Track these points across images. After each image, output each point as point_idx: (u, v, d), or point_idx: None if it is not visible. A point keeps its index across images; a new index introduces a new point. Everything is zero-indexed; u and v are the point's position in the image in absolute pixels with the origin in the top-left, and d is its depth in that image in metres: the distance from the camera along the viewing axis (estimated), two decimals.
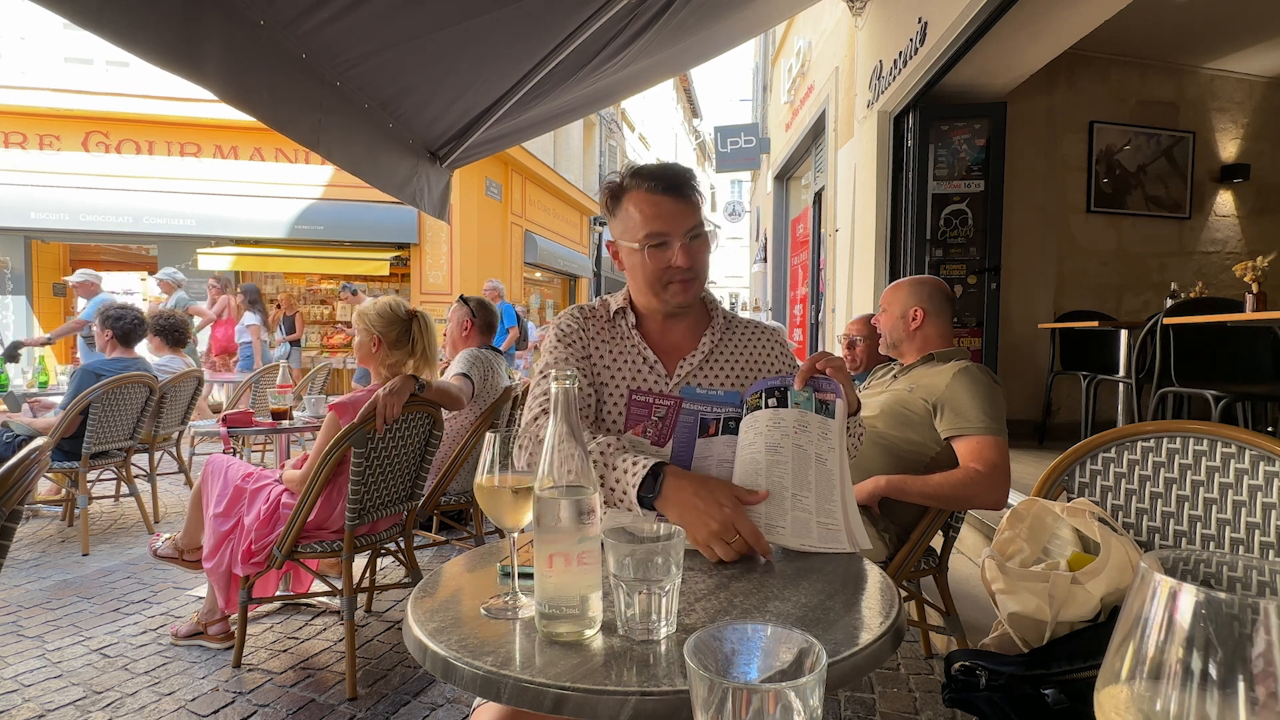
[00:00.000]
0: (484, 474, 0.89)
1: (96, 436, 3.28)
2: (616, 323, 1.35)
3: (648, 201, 1.23)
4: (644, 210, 1.23)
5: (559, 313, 1.40)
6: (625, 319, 1.34)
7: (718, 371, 1.32)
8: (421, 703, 1.97)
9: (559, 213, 14.54)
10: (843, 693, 2.00)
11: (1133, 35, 4.44)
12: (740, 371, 1.33)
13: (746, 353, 1.35)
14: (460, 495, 2.76)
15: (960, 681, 1.02)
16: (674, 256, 1.23)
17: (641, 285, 1.30)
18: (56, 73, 9.02)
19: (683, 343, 1.34)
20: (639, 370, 1.30)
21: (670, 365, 1.31)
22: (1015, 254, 4.57)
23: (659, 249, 1.23)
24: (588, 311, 1.37)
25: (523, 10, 2.04)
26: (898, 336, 1.96)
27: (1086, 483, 1.33)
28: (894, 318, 1.96)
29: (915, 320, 1.93)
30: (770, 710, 0.41)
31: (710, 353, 1.33)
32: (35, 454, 1.00)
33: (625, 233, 1.26)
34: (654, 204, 1.23)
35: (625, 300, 1.37)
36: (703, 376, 1.31)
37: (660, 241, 1.23)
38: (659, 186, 1.23)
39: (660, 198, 1.23)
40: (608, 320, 1.36)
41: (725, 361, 1.33)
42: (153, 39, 1.30)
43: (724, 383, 1.32)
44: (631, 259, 1.28)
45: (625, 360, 1.31)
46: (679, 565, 0.75)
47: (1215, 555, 0.49)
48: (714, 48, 3.98)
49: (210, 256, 9.26)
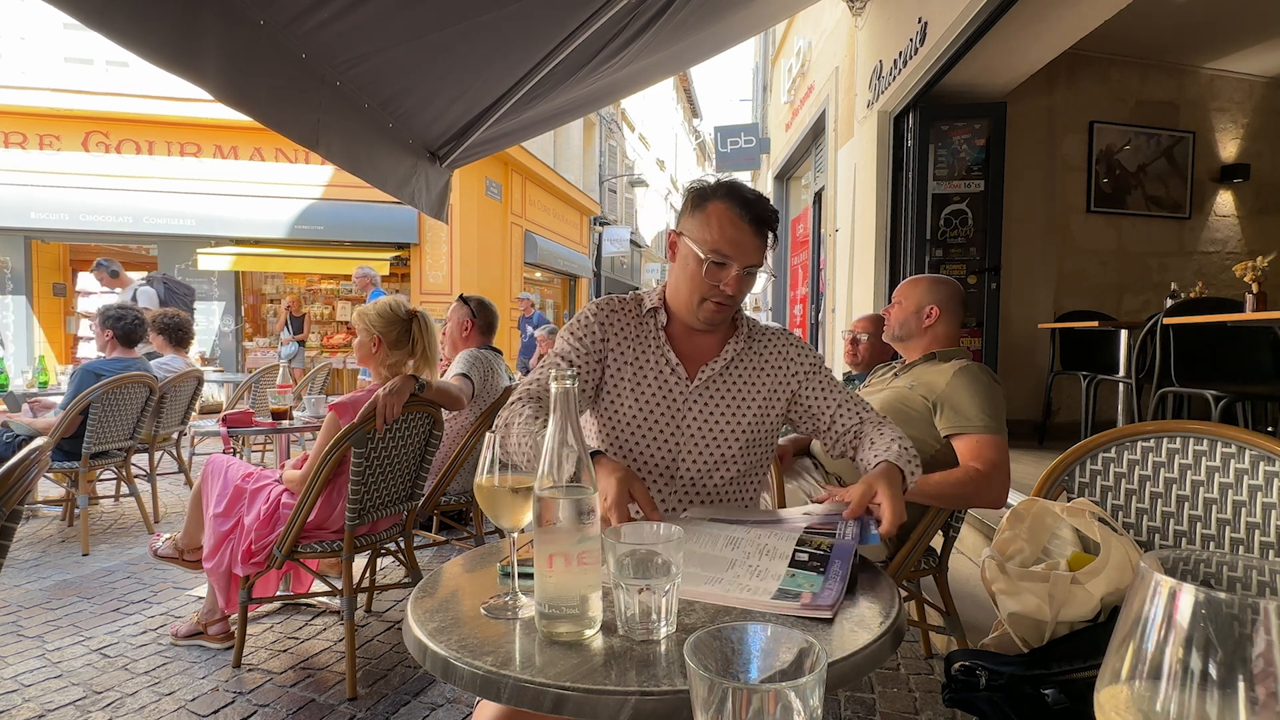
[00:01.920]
0: (484, 474, 0.89)
1: (96, 436, 3.28)
2: (646, 321, 1.37)
3: (731, 221, 1.26)
4: (724, 226, 1.26)
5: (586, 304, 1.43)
6: (656, 319, 1.36)
7: (737, 379, 1.34)
8: (421, 703, 1.97)
9: (559, 213, 14.54)
10: (843, 693, 2.00)
11: (1133, 35, 4.44)
12: (760, 380, 1.35)
13: (769, 361, 1.37)
14: (460, 495, 2.76)
15: (960, 681, 1.02)
16: (726, 281, 1.26)
17: (683, 288, 1.32)
18: (56, 73, 9.02)
19: (707, 348, 1.36)
20: (660, 371, 1.32)
21: (692, 369, 1.34)
22: (1015, 254, 4.57)
23: (718, 267, 1.26)
24: (617, 304, 1.39)
25: (523, 10, 2.04)
26: (909, 330, 1.96)
27: (1086, 483, 1.33)
28: (908, 311, 1.96)
29: (930, 318, 1.93)
30: (770, 710, 0.41)
31: (732, 360, 1.35)
32: (35, 454, 1.00)
33: (696, 235, 1.28)
34: (735, 226, 1.26)
35: (660, 300, 1.39)
36: (722, 383, 1.33)
37: (722, 261, 1.25)
38: (747, 214, 1.26)
39: (743, 224, 1.26)
40: (637, 315, 1.38)
41: (746, 369, 1.35)
42: (153, 38, 1.30)
43: (743, 389, 1.33)
44: (687, 260, 1.30)
45: (647, 359, 1.33)
46: (679, 565, 0.75)
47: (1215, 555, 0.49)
48: (714, 47, 3.98)
49: (210, 256, 9.26)
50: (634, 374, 1.31)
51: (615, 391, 1.32)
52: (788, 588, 0.85)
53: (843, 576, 0.87)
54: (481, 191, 10.85)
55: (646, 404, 1.30)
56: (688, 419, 1.31)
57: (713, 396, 1.32)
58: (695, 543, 1.00)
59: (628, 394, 1.30)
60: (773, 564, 0.92)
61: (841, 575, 0.87)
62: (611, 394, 1.32)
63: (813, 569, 0.89)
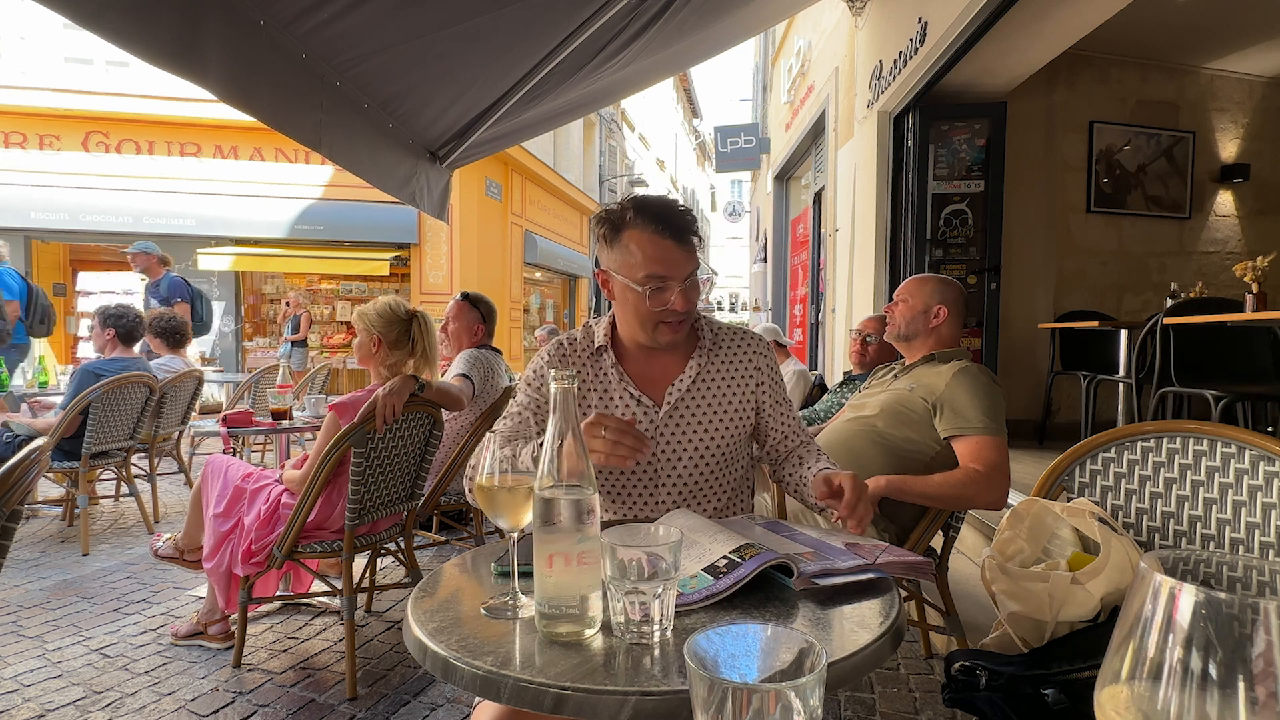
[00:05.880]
0: (484, 474, 0.89)
1: (96, 436, 3.28)
2: (600, 359, 1.33)
3: (651, 243, 1.22)
4: (646, 251, 1.22)
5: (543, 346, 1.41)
6: (606, 357, 1.33)
7: (706, 393, 1.31)
8: (421, 703, 1.97)
9: (559, 213, 14.54)
10: (843, 693, 2.00)
11: (1133, 35, 4.44)
12: (729, 389, 1.32)
13: (733, 368, 1.35)
14: (460, 495, 2.76)
15: (960, 681, 1.02)
16: (672, 300, 1.23)
17: (632, 321, 1.29)
18: (56, 73, 9.02)
19: (670, 368, 1.33)
20: (626, 405, 1.29)
21: (658, 394, 1.30)
22: (1015, 254, 4.57)
23: (659, 292, 1.22)
24: (568, 346, 1.35)
25: (523, 10, 2.04)
26: (915, 330, 1.94)
27: (1086, 483, 1.33)
28: (915, 310, 1.94)
29: (938, 318, 1.92)
30: (770, 710, 0.41)
31: (698, 375, 1.32)
32: (35, 454, 1.00)
33: (623, 268, 1.25)
34: (657, 246, 1.22)
35: (606, 336, 1.35)
36: (692, 400, 1.30)
37: (660, 286, 1.22)
38: (664, 230, 1.21)
39: (664, 241, 1.21)
40: (590, 354, 1.34)
41: (713, 381, 1.33)
42: (152, 39, 1.30)
43: (712, 403, 1.31)
44: (625, 295, 1.26)
45: (610, 396, 1.30)
46: (677, 567, 0.75)
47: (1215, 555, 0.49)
48: (714, 47, 3.98)
49: (210, 256, 9.26)
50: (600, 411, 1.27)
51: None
52: (682, 588, 0.85)
53: (733, 580, 0.85)
54: (481, 191, 10.85)
55: None
56: (662, 447, 1.28)
57: (684, 417, 1.29)
58: (684, 520, 1.05)
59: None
60: (690, 564, 0.91)
61: (731, 580, 0.85)
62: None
63: (711, 574, 0.87)
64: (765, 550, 0.89)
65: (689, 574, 0.88)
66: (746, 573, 0.85)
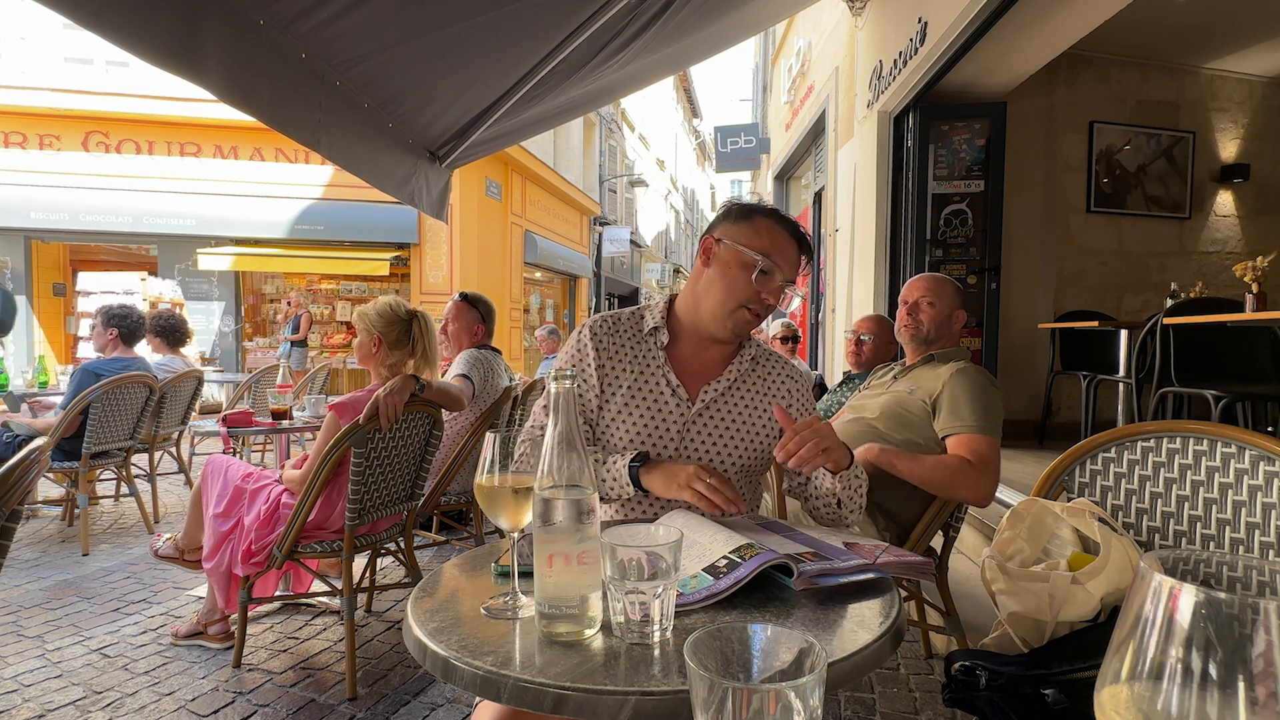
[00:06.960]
0: (484, 474, 0.89)
1: (96, 436, 3.28)
2: (646, 341, 1.33)
3: (783, 237, 1.28)
4: (775, 237, 1.28)
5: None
6: (656, 339, 1.33)
7: (737, 401, 1.31)
8: (421, 703, 1.97)
9: (559, 213, 14.54)
10: (843, 693, 2.00)
11: (1133, 35, 4.43)
12: (762, 404, 1.32)
13: (770, 386, 1.35)
14: (460, 495, 2.76)
15: (960, 681, 1.02)
16: (770, 289, 1.27)
17: (717, 296, 1.29)
18: (56, 73, 9.02)
19: (711, 367, 1.33)
20: (661, 393, 1.29)
21: (694, 390, 1.30)
22: (1015, 254, 4.57)
23: (765, 275, 1.26)
24: (611, 323, 1.36)
25: (523, 10, 2.04)
26: (941, 333, 1.96)
27: (1086, 483, 1.33)
28: (944, 314, 1.95)
29: (958, 323, 1.97)
30: (770, 710, 0.41)
31: (735, 382, 1.32)
32: (35, 454, 1.00)
33: (745, 239, 1.28)
34: (785, 242, 1.29)
35: (662, 318, 1.35)
36: (725, 404, 1.30)
37: (770, 269, 1.26)
38: (792, 232, 1.30)
39: (791, 243, 1.29)
40: (636, 335, 1.34)
41: (747, 392, 1.33)
42: (152, 39, 1.30)
43: (743, 413, 1.31)
44: (730, 266, 1.28)
45: (646, 380, 1.30)
46: (677, 567, 0.75)
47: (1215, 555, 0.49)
48: (714, 47, 3.98)
49: (210, 256, 9.26)
50: (632, 396, 1.28)
51: (613, 414, 1.28)
52: (682, 588, 0.85)
53: (733, 580, 0.84)
54: (481, 191, 10.85)
55: (645, 427, 1.27)
56: (688, 442, 1.28)
57: (714, 418, 1.29)
58: (685, 520, 1.07)
59: (626, 417, 1.27)
60: (690, 564, 0.91)
61: (731, 580, 0.85)
62: (609, 417, 1.28)
63: (711, 574, 0.87)
64: (765, 550, 0.89)
65: (689, 574, 0.88)
66: (746, 573, 0.85)
